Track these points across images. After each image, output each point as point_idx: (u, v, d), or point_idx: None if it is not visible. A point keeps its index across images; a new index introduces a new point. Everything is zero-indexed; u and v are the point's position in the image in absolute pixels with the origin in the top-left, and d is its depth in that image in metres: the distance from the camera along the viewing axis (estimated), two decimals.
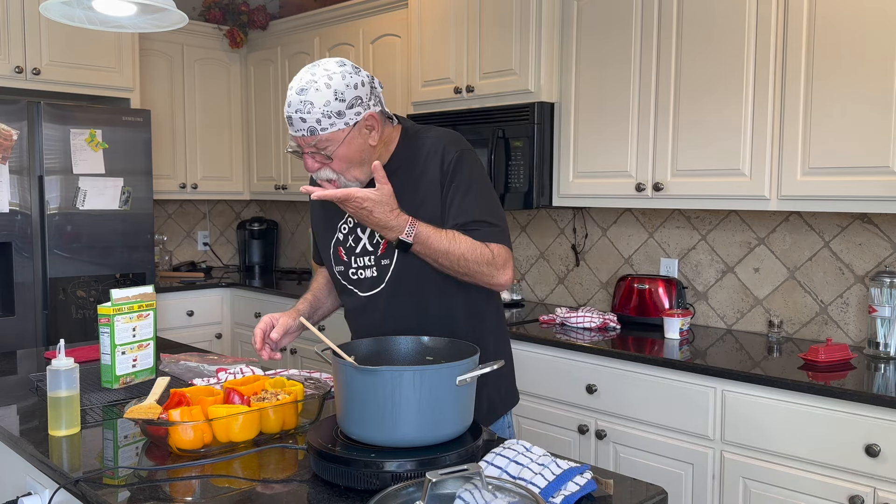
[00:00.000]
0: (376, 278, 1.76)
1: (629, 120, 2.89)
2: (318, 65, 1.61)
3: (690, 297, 3.13)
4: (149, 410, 1.51)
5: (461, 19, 3.36)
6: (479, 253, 1.65)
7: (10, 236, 3.45)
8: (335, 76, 1.58)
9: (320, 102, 1.57)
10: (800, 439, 2.20)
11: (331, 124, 1.58)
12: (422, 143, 1.76)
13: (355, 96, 1.60)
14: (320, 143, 1.61)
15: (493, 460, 1.34)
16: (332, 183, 1.68)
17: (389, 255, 1.74)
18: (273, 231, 5.09)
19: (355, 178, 1.69)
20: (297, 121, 1.59)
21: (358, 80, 1.61)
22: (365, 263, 1.78)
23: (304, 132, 1.60)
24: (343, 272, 1.83)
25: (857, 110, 2.34)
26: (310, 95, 1.57)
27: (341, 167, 1.65)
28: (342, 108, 1.58)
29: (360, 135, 1.64)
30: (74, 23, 1.91)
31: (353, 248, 1.79)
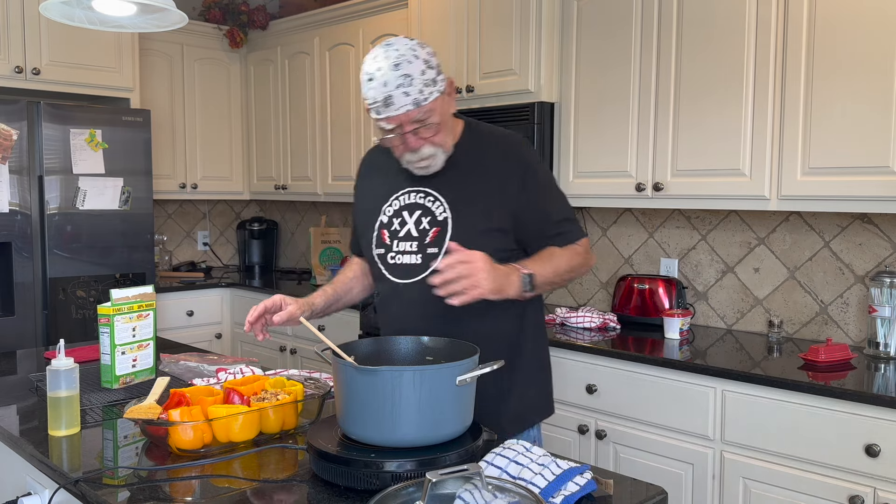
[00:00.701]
0: (419, 266, 1.71)
1: (629, 120, 2.89)
2: (392, 43, 1.60)
3: (690, 297, 3.13)
4: (149, 410, 1.51)
5: (461, 19, 3.36)
6: (576, 261, 1.71)
7: (10, 236, 3.45)
8: (416, 48, 1.59)
9: (417, 72, 1.56)
10: (800, 439, 2.20)
11: (430, 93, 1.58)
12: (489, 136, 1.77)
13: (437, 63, 1.62)
14: (425, 115, 1.60)
15: (493, 460, 1.34)
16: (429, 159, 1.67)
17: (439, 243, 1.70)
18: (273, 231, 5.09)
19: (448, 150, 1.70)
20: (398, 97, 1.56)
21: (430, 50, 1.63)
22: (406, 249, 1.74)
23: (410, 106, 1.57)
24: (382, 256, 1.78)
25: (857, 110, 2.33)
26: (405, 69, 1.56)
27: (442, 138, 1.66)
28: (434, 76, 1.60)
29: (447, 101, 1.66)
30: (74, 23, 1.91)
31: (398, 231, 1.76)
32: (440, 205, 1.72)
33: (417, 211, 1.74)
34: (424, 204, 1.74)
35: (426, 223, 1.72)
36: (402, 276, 1.74)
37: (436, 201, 1.73)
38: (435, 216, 1.72)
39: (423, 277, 1.69)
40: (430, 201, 1.73)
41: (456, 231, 1.69)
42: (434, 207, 1.73)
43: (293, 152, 4.55)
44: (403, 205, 1.76)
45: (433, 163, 1.69)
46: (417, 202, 1.75)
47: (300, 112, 4.47)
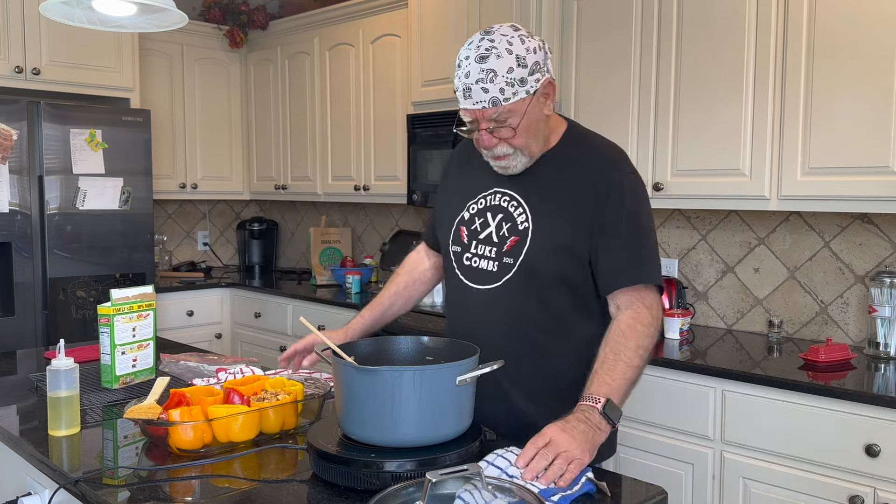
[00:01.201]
0: (494, 274, 1.62)
1: (629, 120, 2.89)
2: (494, 30, 1.49)
3: (690, 297, 3.12)
4: (149, 410, 1.51)
5: (461, 19, 3.35)
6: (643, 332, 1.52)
7: (10, 236, 3.45)
8: (514, 40, 1.47)
9: (503, 69, 1.45)
10: (800, 439, 2.20)
11: (513, 93, 1.47)
12: (584, 147, 1.63)
13: (535, 61, 1.48)
14: (502, 116, 1.49)
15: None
16: (504, 159, 1.57)
17: (515, 254, 1.60)
18: (273, 231, 5.09)
19: (531, 154, 1.58)
20: (477, 92, 1.47)
21: (536, 44, 1.50)
22: (484, 253, 1.64)
23: (486, 104, 1.47)
24: (458, 254, 1.69)
25: (857, 110, 2.33)
26: (491, 63, 1.45)
27: (522, 141, 1.54)
28: (525, 75, 1.47)
29: (539, 104, 1.52)
30: (74, 23, 1.91)
31: (478, 231, 1.66)
32: (522, 212, 1.61)
33: (500, 214, 1.64)
34: (507, 208, 1.64)
35: (506, 230, 1.62)
36: (475, 281, 1.66)
37: (518, 207, 1.62)
38: (515, 223, 1.62)
39: (497, 287, 1.60)
40: (514, 206, 1.63)
41: (532, 245, 1.58)
42: (516, 214, 1.62)
43: (293, 152, 4.55)
44: (489, 206, 1.67)
45: (511, 163, 1.59)
46: (501, 205, 1.65)
47: (300, 112, 4.47)
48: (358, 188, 4.11)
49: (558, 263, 1.57)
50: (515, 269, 1.59)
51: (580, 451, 1.32)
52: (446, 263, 1.75)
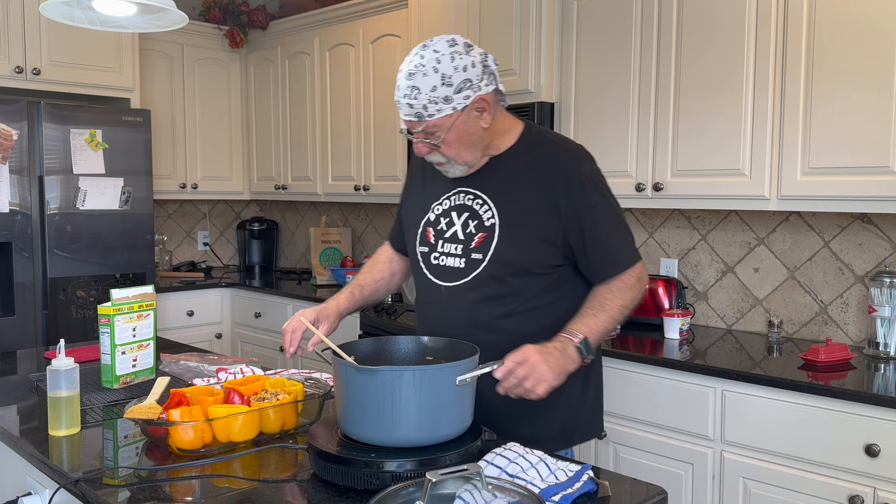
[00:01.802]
0: (461, 270, 1.69)
1: (629, 120, 2.89)
2: (429, 46, 1.57)
3: (690, 297, 3.12)
4: (149, 410, 1.51)
5: (461, 19, 3.36)
6: (627, 297, 1.64)
7: (10, 236, 3.45)
8: (444, 58, 1.54)
9: (427, 88, 1.53)
10: (800, 439, 2.20)
11: (438, 110, 1.55)
12: (543, 146, 1.70)
13: (464, 79, 1.55)
14: (429, 129, 1.58)
15: (493, 460, 1.34)
16: (440, 165, 1.67)
17: (484, 249, 1.66)
18: (273, 231, 5.09)
19: (465, 162, 1.66)
20: (404, 106, 1.57)
21: (468, 62, 1.55)
22: (451, 251, 1.71)
23: (412, 117, 1.57)
24: (426, 254, 1.76)
25: (857, 110, 2.33)
26: (417, 80, 1.54)
27: (451, 152, 1.62)
28: (449, 94, 1.54)
29: (470, 118, 1.59)
30: (74, 23, 1.91)
31: (444, 231, 1.73)
32: (488, 209, 1.68)
33: (465, 213, 1.71)
34: (472, 206, 1.70)
35: (472, 227, 1.69)
36: (444, 279, 1.72)
37: (484, 205, 1.69)
38: (482, 221, 1.68)
39: (465, 282, 1.67)
40: (479, 204, 1.69)
41: (502, 240, 1.65)
42: (482, 212, 1.69)
43: (293, 152, 4.55)
44: (453, 205, 1.73)
45: (448, 169, 1.68)
46: (466, 203, 1.71)
47: (300, 112, 4.47)
48: (358, 188, 4.11)
49: (528, 255, 1.64)
50: (486, 263, 1.66)
51: (550, 374, 1.48)
52: (414, 265, 1.81)
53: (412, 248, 1.81)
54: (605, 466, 2.62)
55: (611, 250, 1.66)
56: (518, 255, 1.64)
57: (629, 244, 1.70)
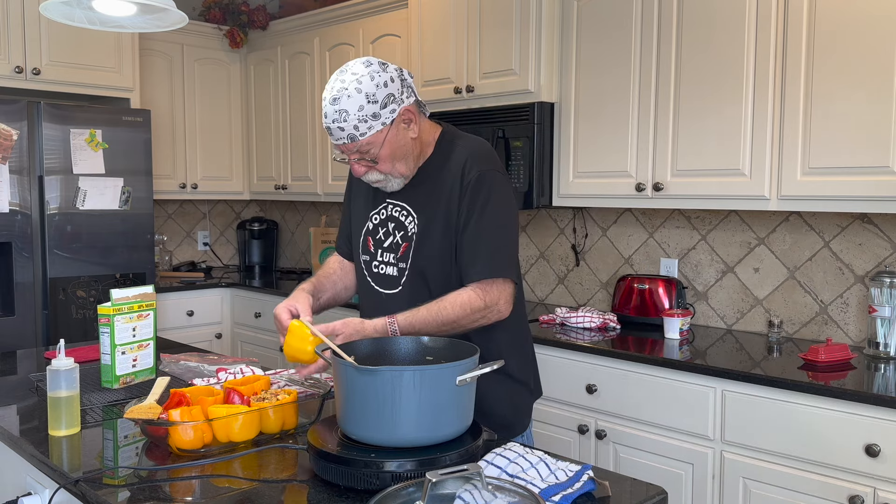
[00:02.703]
0: (395, 278, 1.77)
1: (629, 120, 2.89)
2: (346, 70, 1.62)
3: (690, 297, 3.12)
4: (149, 410, 1.51)
5: (461, 19, 3.36)
6: (469, 309, 1.64)
7: (10, 236, 3.45)
8: (364, 79, 1.59)
9: (354, 108, 1.58)
10: (800, 439, 2.20)
11: (368, 128, 1.60)
12: (452, 151, 1.75)
13: (387, 94, 1.60)
14: (363, 148, 1.63)
15: (493, 460, 1.34)
16: (378, 182, 1.72)
17: (406, 258, 1.75)
18: (273, 231, 5.09)
19: (401, 174, 1.71)
20: (335, 130, 1.60)
21: (386, 78, 1.61)
22: (388, 260, 1.79)
23: (345, 140, 1.61)
24: (367, 263, 1.83)
25: (857, 110, 2.33)
26: (343, 104, 1.58)
27: (387, 167, 1.68)
28: (376, 110, 1.59)
29: (399, 131, 1.65)
30: (74, 23, 1.91)
31: (382, 241, 1.80)
32: (412, 220, 1.75)
33: (393, 224, 1.78)
34: (399, 218, 1.78)
35: (399, 237, 1.77)
36: (383, 286, 1.79)
37: (409, 216, 1.76)
38: (406, 231, 1.76)
39: (399, 290, 1.75)
40: (404, 216, 1.77)
41: (417, 247, 1.72)
42: (406, 222, 1.76)
43: (293, 152, 4.55)
44: (388, 216, 1.80)
45: (386, 185, 1.73)
46: (393, 215, 1.79)
47: (300, 112, 4.47)
48: None
49: (440, 262, 1.70)
50: (408, 272, 1.74)
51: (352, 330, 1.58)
52: (358, 272, 1.89)
53: (356, 256, 1.88)
54: (605, 466, 2.62)
55: (479, 254, 1.67)
56: (431, 263, 1.71)
57: (500, 255, 1.68)
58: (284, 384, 1.87)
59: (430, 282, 1.72)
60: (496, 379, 1.70)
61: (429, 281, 1.72)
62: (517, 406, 1.84)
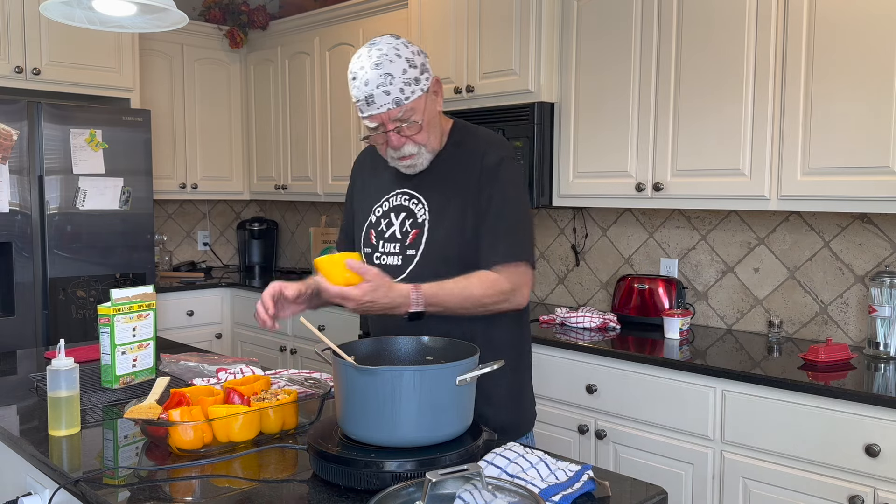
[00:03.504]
0: (399, 267, 1.73)
1: (629, 120, 2.89)
2: (377, 42, 1.62)
3: (690, 297, 3.12)
4: (149, 410, 1.51)
5: (461, 19, 3.36)
6: (496, 289, 1.62)
7: (10, 236, 3.45)
8: (400, 46, 1.61)
9: (398, 71, 1.58)
10: (800, 439, 2.20)
11: (412, 91, 1.60)
12: (469, 139, 1.76)
13: (421, 62, 1.63)
14: (406, 114, 1.61)
15: (493, 460, 1.34)
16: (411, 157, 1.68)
17: (416, 245, 1.72)
18: (273, 231, 5.09)
19: (433, 149, 1.71)
20: (379, 96, 1.58)
21: (416, 50, 1.64)
22: (390, 250, 1.76)
23: (390, 104, 1.59)
24: (368, 255, 1.80)
25: (857, 110, 2.34)
26: (387, 67, 1.57)
27: (424, 137, 1.67)
28: (417, 75, 1.60)
29: (431, 100, 1.66)
30: (74, 23, 1.91)
31: (384, 232, 1.78)
32: (422, 207, 1.74)
33: (403, 213, 1.76)
34: (409, 206, 1.76)
35: (408, 225, 1.74)
36: None
37: (418, 203, 1.74)
38: (416, 218, 1.74)
39: (403, 279, 1.69)
40: (414, 203, 1.75)
41: (431, 234, 1.70)
42: (416, 209, 1.74)
43: (293, 152, 4.55)
44: (392, 206, 1.78)
45: (417, 161, 1.70)
46: (403, 204, 1.77)
47: (300, 112, 4.47)
48: None
49: (455, 247, 1.68)
50: (418, 258, 1.71)
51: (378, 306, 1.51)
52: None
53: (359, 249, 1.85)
54: (605, 466, 2.62)
55: (502, 237, 1.67)
56: (445, 247, 1.68)
57: (522, 241, 1.69)
58: (284, 384, 1.87)
59: (441, 265, 1.67)
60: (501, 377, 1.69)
61: (440, 264, 1.68)
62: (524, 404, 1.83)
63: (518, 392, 1.82)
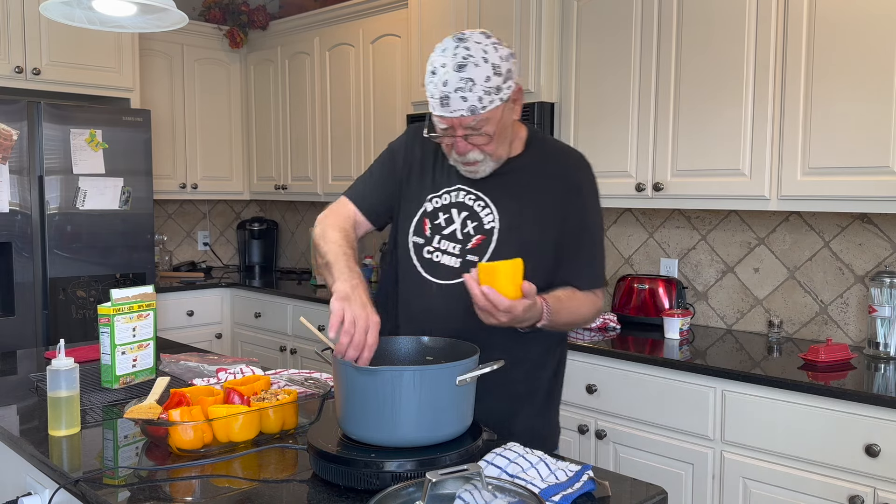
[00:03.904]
0: (456, 270, 1.63)
1: (629, 120, 2.89)
2: (467, 38, 1.51)
3: (690, 297, 3.12)
4: (149, 410, 1.51)
5: (461, 19, 3.35)
6: (595, 312, 1.66)
7: (10, 236, 3.45)
8: (489, 48, 1.50)
9: (481, 78, 1.48)
10: (800, 439, 2.20)
11: (490, 101, 1.50)
12: (551, 152, 1.71)
13: (508, 69, 1.52)
14: (479, 124, 1.52)
15: (493, 460, 1.34)
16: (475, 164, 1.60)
17: (481, 252, 1.63)
18: (273, 231, 5.09)
19: (499, 158, 1.62)
20: (455, 100, 1.48)
21: (507, 52, 1.53)
22: (448, 249, 1.66)
23: (465, 112, 1.49)
24: (419, 246, 1.69)
25: (857, 110, 2.33)
26: (470, 71, 1.47)
27: (493, 147, 1.58)
28: (500, 83, 1.50)
29: (509, 110, 1.57)
30: (74, 23, 1.91)
31: (442, 227, 1.67)
32: (490, 212, 1.64)
33: (465, 212, 1.66)
34: (473, 207, 1.66)
35: (471, 228, 1.64)
36: (436, 275, 1.66)
37: (486, 208, 1.65)
38: (482, 223, 1.65)
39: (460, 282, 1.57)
40: (480, 206, 1.66)
41: (500, 245, 1.62)
42: (483, 214, 1.65)
43: (293, 152, 4.55)
44: (453, 202, 1.68)
45: (480, 168, 1.62)
46: (466, 203, 1.67)
47: (300, 112, 4.47)
48: None
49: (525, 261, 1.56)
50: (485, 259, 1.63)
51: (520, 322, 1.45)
52: (402, 252, 1.72)
53: (403, 235, 1.73)
54: (605, 466, 2.62)
55: (586, 263, 1.67)
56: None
57: (602, 268, 1.72)
58: (284, 384, 1.87)
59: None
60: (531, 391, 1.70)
61: None
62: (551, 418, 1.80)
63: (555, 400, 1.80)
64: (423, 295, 1.68)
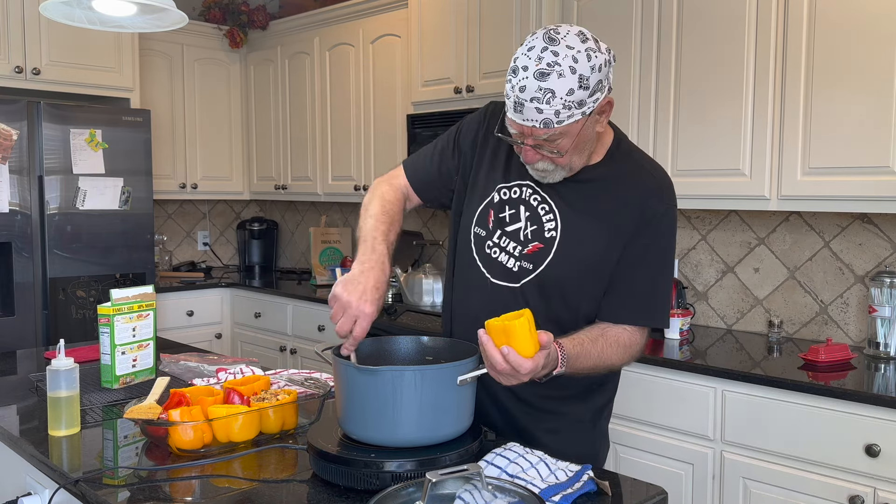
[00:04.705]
0: (512, 273, 1.54)
1: (629, 120, 2.89)
2: (558, 40, 1.33)
3: (690, 297, 3.12)
4: (149, 410, 1.51)
5: (461, 19, 3.35)
6: (629, 354, 1.50)
7: (10, 236, 3.45)
8: (580, 56, 1.32)
9: (563, 91, 1.32)
10: (800, 439, 2.20)
11: (569, 116, 1.34)
12: (632, 168, 1.53)
13: (598, 81, 1.35)
14: (552, 137, 1.37)
15: (493, 460, 1.34)
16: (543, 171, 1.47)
17: (536, 260, 1.51)
18: (273, 231, 5.09)
19: (572, 169, 1.48)
20: (529, 110, 1.34)
21: (602, 60, 1.35)
22: (508, 248, 1.54)
23: (537, 123, 1.35)
24: (481, 238, 1.58)
25: (857, 110, 2.33)
26: (552, 82, 1.31)
27: (566, 160, 1.44)
28: (584, 97, 1.34)
29: (592, 122, 1.40)
30: (74, 23, 1.91)
31: (506, 222, 1.55)
32: (552, 220, 1.52)
33: (528, 212, 1.54)
34: (535, 208, 1.53)
35: (530, 232, 1.53)
36: (492, 273, 1.56)
37: (548, 213, 1.53)
38: (542, 229, 1.52)
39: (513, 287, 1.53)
40: (543, 209, 1.53)
41: (557, 258, 1.50)
42: (545, 219, 1.53)
43: (293, 152, 4.55)
44: (521, 198, 1.55)
45: (548, 176, 1.49)
46: (530, 202, 1.54)
47: (300, 112, 4.47)
48: (358, 188, 4.11)
49: (580, 280, 1.50)
50: (533, 275, 1.52)
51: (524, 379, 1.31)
52: (462, 239, 1.63)
53: (466, 223, 1.62)
54: (605, 466, 2.61)
55: (641, 297, 1.51)
56: (569, 277, 1.50)
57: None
58: (284, 384, 1.87)
59: (555, 292, 1.51)
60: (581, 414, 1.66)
61: (554, 290, 1.51)
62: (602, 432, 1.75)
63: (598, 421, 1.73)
64: (479, 288, 1.59)
